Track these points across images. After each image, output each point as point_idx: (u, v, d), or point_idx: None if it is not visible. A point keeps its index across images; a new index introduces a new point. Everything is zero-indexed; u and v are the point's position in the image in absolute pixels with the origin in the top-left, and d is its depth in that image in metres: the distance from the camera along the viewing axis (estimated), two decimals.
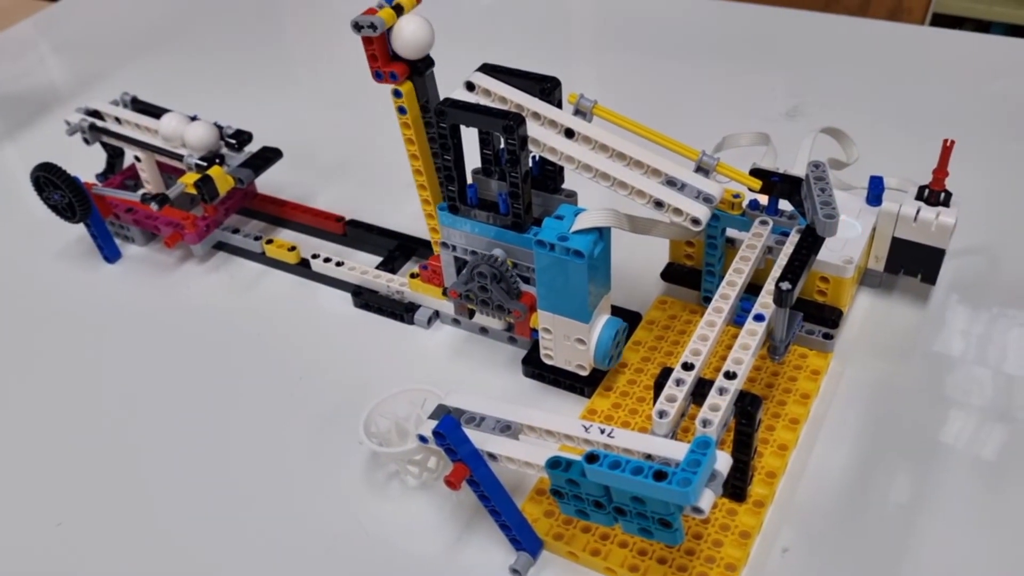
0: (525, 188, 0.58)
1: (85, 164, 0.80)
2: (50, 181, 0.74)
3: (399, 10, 0.60)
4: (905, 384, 0.62)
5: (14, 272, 0.80)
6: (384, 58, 0.60)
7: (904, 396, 0.61)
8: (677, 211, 0.55)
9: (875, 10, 1.26)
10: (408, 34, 0.60)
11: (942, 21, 1.75)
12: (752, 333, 0.53)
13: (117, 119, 0.78)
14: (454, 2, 1.24)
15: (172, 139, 0.74)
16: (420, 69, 0.62)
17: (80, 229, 0.80)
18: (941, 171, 0.63)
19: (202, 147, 0.74)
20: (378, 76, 0.61)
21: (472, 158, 0.62)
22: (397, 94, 0.61)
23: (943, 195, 0.63)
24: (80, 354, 0.71)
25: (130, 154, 0.80)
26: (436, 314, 0.70)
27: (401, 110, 0.62)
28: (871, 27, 1.10)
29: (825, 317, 0.64)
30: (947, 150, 0.62)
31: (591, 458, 0.44)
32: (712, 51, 1.07)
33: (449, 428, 0.48)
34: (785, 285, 0.52)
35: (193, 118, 0.75)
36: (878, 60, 1.01)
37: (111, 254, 0.79)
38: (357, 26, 0.58)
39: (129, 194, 0.75)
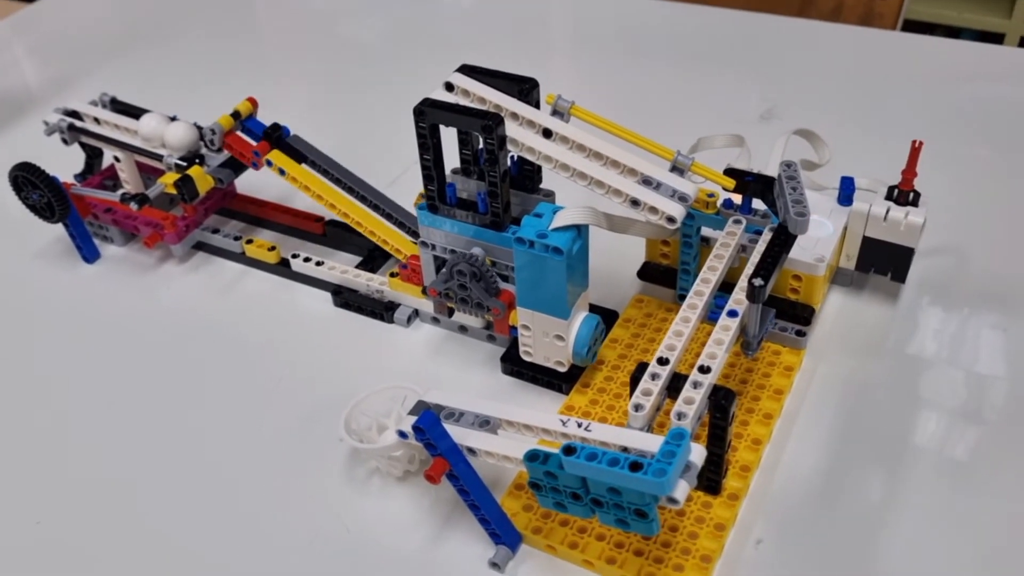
0: (504, 187, 0.59)
1: (63, 164, 0.80)
2: (28, 181, 0.74)
3: (236, 116, 0.72)
4: (875, 380, 0.64)
5: None
6: (249, 151, 0.71)
7: (874, 392, 0.63)
8: (653, 209, 0.56)
9: (848, 15, 1.28)
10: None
11: (913, 27, 1.78)
12: (726, 328, 0.55)
13: (96, 119, 0.78)
14: (434, 4, 1.25)
15: (152, 139, 0.74)
16: (275, 137, 0.73)
17: (58, 229, 0.80)
18: (910, 172, 0.64)
19: (182, 147, 0.74)
20: (255, 166, 0.72)
21: (451, 158, 0.62)
22: (269, 163, 0.71)
23: (912, 195, 0.64)
24: (59, 354, 0.71)
25: (109, 154, 0.80)
26: (416, 313, 0.71)
27: (281, 172, 0.71)
28: (844, 32, 1.12)
29: (798, 314, 0.65)
30: (915, 151, 0.63)
31: (568, 450, 0.45)
32: (688, 55, 1.09)
33: (429, 423, 0.49)
34: (758, 281, 0.53)
35: (172, 118, 0.76)
36: (850, 64, 1.03)
37: (90, 254, 0.79)
38: (211, 142, 0.71)
39: (108, 194, 0.75)
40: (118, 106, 0.79)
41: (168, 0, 1.31)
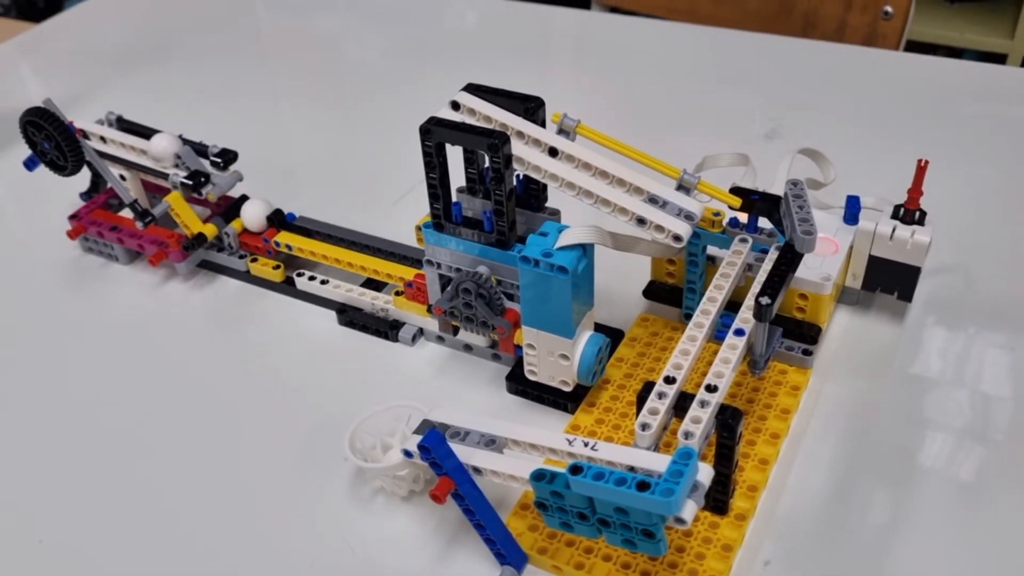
0: (509, 206, 0.59)
1: (69, 182, 0.80)
2: (41, 127, 0.72)
3: None
4: (882, 400, 0.63)
5: None
6: (261, 242, 0.76)
7: (881, 412, 0.62)
8: (659, 228, 0.56)
9: (851, 36, 1.28)
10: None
11: (916, 48, 1.78)
12: (733, 347, 0.54)
13: (102, 138, 0.78)
14: (439, 23, 1.25)
15: (163, 159, 0.74)
16: (279, 221, 0.77)
17: (67, 251, 0.80)
18: (916, 190, 0.64)
19: (163, 158, 0.74)
20: (270, 253, 0.76)
21: (457, 176, 0.62)
22: (277, 244, 0.75)
23: (918, 214, 0.64)
24: (62, 372, 0.71)
25: (115, 172, 0.80)
26: (421, 331, 0.71)
27: (289, 247, 0.75)
28: (847, 52, 1.12)
29: (804, 334, 0.65)
30: (921, 170, 0.63)
31: (575, 470, 0.44)
32: (693, 74, 1.09)
33: (434, 442, 0.49)
34: (764, 299, 0.53)
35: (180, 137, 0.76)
36: (854, 84, 1.03)
37: (31, 164, 0.76)
38: (229, 246, 0.76)
39: (121, 189, 0.75)
40: (124, 125, 0.80)
41: (174, 20, 1.32)
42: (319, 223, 0.77)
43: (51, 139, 0.72)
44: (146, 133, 0.78)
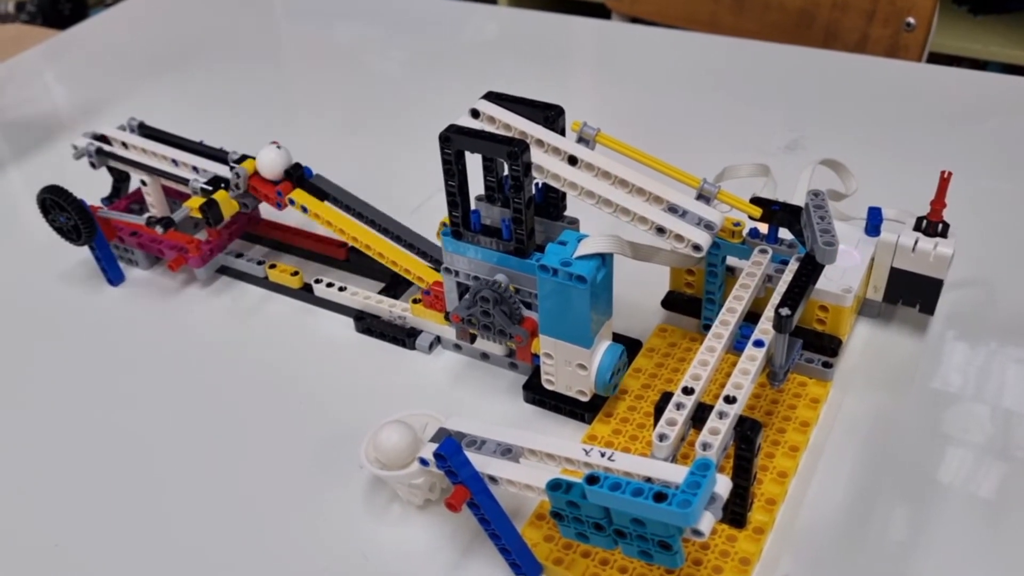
0: (528, 214, 0.59)
1: (91, 188, 0.80)
2: (56, 203, 0.74)
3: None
4: (903, 414, 0.63)
5: (17, 294, 0.81)
6: (273, 192, 0.72)
7: (902, 426, 0.62)
8: (679, 237, 0.56)
9: (873, 47, 1.28)
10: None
11: (939, 60, 1.77)
12: (752, 358, 0.54)
13: (124, 143, 0.79)
14: (460, 32, 1.26)
15: (271, 170, 0.74)
16: (296, 176, 0.73)
17: (83, 252, 0.81)
18: (939, 202, 0.63)
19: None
20: (279, 206, 0.73)
21: (476, 184, 0.62)
22: (291, 202, 0.73)
23: (941, 226, 0.64)
24: (81, 376, 0.71)
25: (136, 178, 0.81)
26: (438, 339, 0.71)
27: (304, 209, 0.72)
28: (869, 63, 1.11)
29: (824, 346, 0.64)
30: (944, 181, 0.63)
31: (592, 479, 0.44)
32: (714, 84, 1.09)
33: (450, 450, 0.49)
34: (784, 311, 0.52)
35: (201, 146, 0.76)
36: (876, 95, 1.03)
37: (115, 277, 0.79)
38: (236, 186, 0.72)
39: (134, 217, 0.76)
40: (145, 131, 0.80)
41: (195, 29, 1.33)
42: (337, 187, 0.74)
43: (66, 214, 0.75)
44: (167, 138, 0.78)
